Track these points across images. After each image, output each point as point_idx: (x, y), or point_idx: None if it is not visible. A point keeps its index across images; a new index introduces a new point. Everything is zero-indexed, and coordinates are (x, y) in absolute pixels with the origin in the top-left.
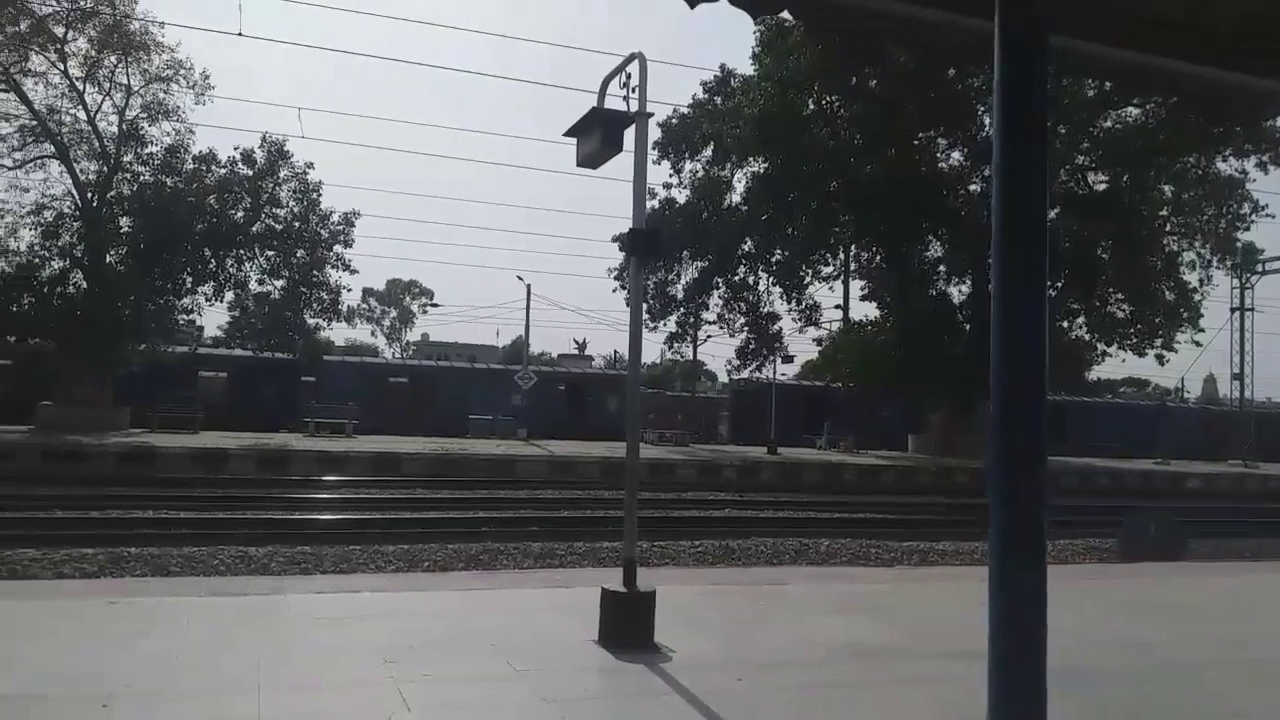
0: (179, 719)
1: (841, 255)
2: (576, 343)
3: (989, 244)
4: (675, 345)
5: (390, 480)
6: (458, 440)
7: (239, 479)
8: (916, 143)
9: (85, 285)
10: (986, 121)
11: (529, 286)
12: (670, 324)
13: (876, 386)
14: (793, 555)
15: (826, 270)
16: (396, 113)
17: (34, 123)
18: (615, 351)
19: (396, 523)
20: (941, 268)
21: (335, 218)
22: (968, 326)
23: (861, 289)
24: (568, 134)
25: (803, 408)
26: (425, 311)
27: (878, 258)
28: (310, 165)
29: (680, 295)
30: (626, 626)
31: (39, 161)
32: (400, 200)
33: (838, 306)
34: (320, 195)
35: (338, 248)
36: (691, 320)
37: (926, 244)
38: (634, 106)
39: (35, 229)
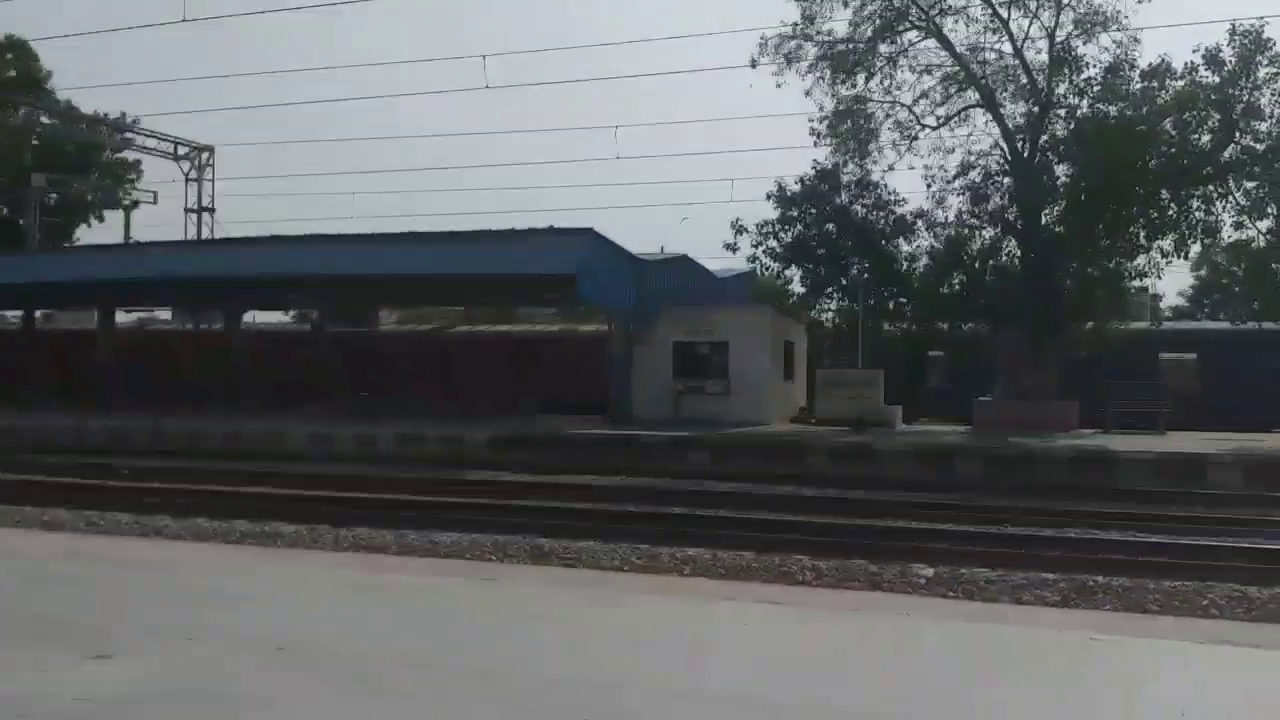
0: None
1: None
2: None
3: None
4: None
5: None
6: None
7: (1221, 495)
8: None
9: (1019, 254)
10: None
11: None
12: None
13: None
14: None
15: None
16: None
17: (956, 69)
18: None
19: None
20: None
21: None
22: None
23: None
24: None
25: None
26: None
27: None
28: None
29: None
30: None
31: (963, 115)
32: None
33: None
34: None
35: None
36: None
37: None
38: None
39: (962, 194)
